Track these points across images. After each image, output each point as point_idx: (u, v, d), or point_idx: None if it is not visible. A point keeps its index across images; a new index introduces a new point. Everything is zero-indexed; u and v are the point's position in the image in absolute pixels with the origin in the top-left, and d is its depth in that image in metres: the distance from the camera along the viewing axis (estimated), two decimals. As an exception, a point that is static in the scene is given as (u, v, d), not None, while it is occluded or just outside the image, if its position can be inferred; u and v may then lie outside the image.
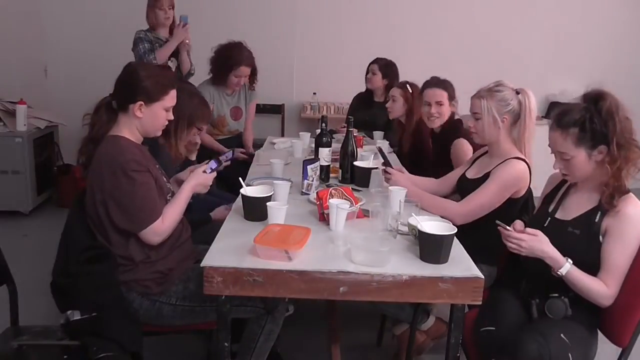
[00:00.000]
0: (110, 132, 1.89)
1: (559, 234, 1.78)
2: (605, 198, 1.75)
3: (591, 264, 1.74)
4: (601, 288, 1.72)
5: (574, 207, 1.86)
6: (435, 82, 2.94)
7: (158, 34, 3.76)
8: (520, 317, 1.83)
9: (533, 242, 1.73)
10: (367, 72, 4.05)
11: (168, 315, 1.91)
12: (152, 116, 1.90)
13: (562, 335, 1.69)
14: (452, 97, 2.92)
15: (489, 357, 1.76)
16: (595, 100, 1.75)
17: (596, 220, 1.77)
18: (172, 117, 1.98)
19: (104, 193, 1.80)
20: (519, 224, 1.82)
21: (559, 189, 1.98)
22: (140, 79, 1.86)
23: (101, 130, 1.90)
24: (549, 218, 1.90)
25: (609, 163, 1.73)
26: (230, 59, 3.56)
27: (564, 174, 1.86)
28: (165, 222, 1.87)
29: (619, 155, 1.71)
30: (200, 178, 2.00)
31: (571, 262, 1.72)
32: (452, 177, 2.47)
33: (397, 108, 3.39)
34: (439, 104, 2.89)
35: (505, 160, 2.17)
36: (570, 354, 1.66)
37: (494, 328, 1.79)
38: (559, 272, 1.72)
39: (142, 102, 1.87)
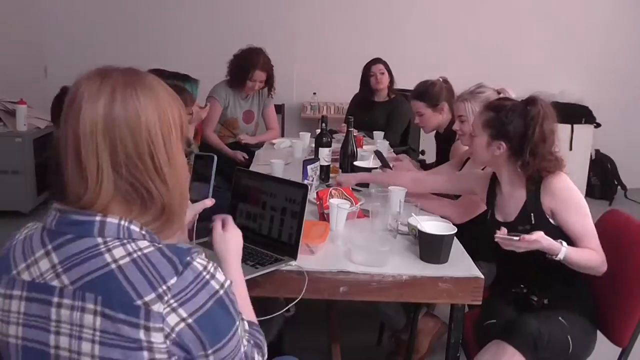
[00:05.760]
0: None
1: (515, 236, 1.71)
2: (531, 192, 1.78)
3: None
4: (596, 256, 1.71)
5: (509, 207, 1.85)
6: (412, 94, 2.93)
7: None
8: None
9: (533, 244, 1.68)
10: (371, 74, 3.99)
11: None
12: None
13: (560, 318, 1.71)
14: (433, 104, 2.86)
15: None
16: (527, 102, 1.77)
17: (535, 210, 1.76)
18: None
19: None
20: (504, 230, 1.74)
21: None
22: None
23: None
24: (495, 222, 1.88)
25: (521, 167, 1.75)
26: (246, 62, 3.60)
27: (470, 153, 1.94)
28: None
29: (533, 163, 1.72)
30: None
31: (565, 243, 1.67)
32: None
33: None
34: (419, 114, 2.92)
35: None
36: (569, 337, 1.69)
37: (495, 320, 1.80)
38: (558, 258, 1.66)
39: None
